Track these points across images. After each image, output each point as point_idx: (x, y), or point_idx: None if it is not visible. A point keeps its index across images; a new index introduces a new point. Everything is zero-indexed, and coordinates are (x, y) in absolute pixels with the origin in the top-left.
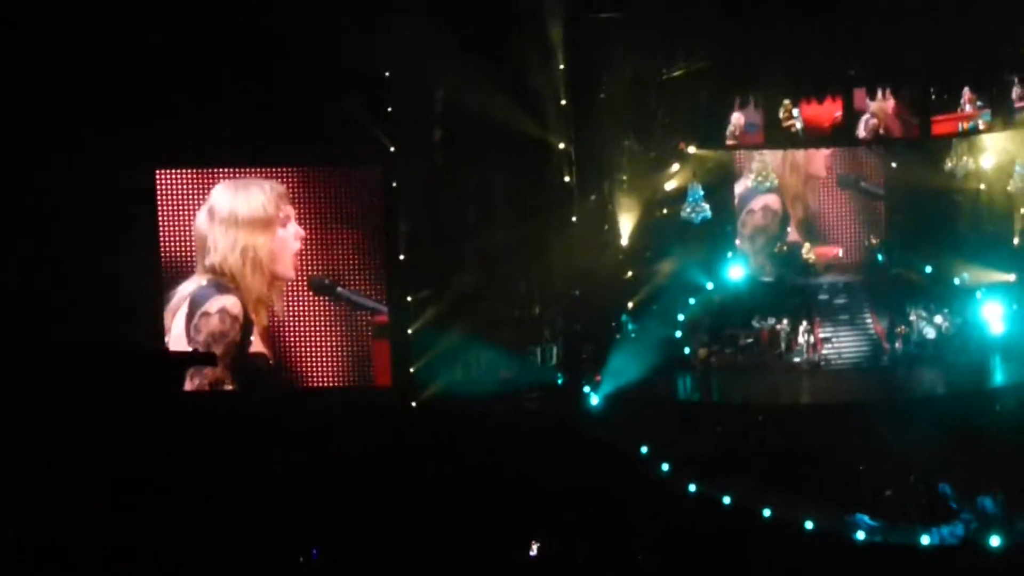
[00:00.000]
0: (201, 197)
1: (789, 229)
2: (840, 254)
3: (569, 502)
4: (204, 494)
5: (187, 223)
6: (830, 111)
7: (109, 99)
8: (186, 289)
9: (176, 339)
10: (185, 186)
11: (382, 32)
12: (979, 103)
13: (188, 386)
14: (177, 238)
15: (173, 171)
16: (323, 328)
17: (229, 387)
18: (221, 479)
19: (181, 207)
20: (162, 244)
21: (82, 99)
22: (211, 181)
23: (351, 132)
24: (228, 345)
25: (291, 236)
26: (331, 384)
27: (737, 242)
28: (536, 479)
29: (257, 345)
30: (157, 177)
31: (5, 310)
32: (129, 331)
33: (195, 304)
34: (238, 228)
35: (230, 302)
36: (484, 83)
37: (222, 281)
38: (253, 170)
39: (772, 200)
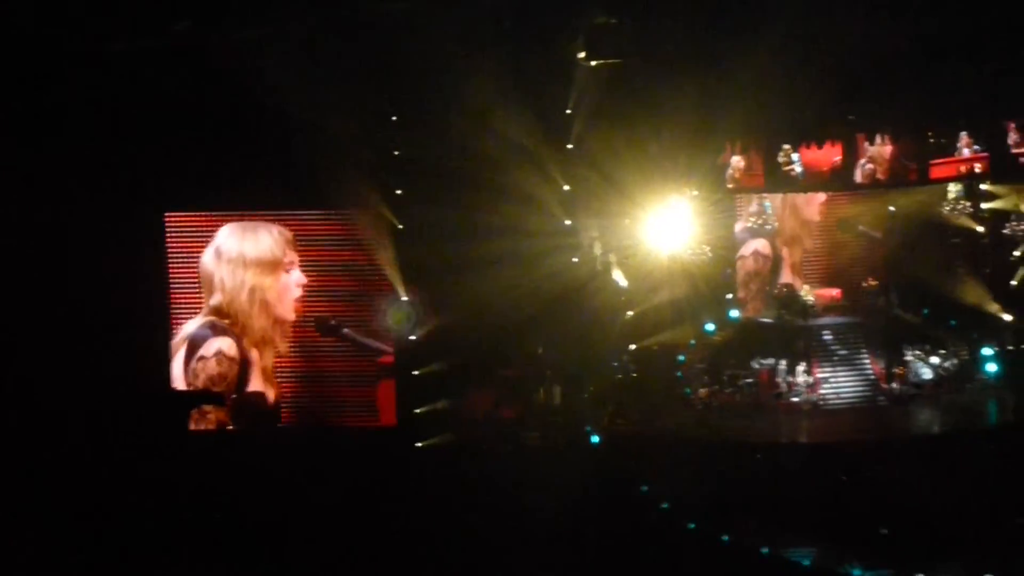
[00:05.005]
0: (208, 240)
1: (784, 272)
2: (839, 295)
3: (568, 540)
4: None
5: (195, 265)
6: (829, 155)
7: (120, 144)
8: (186, 330)
9: (176, 380)
10: (193, 229)
11: (389, 76)
12: (976, 148)
13: (192, 426)
14: (185, 279)
15: (181, 214)
16: (327, 368)
17: (231, 427)
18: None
19: (189, 249)
20: (171, 285)
21: (94, 142)
22: (218, 224)
23: (357, 175)
24: (228, 387)
25: (293, 282)
26: (335, 423)
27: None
28: (536, 517)
29: (256, 385)
30: (166, 220)
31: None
32: (136, 371)
33: (193, 346)
34: (246, 269)
35: (226, 344)
36: (490, 127)
37: (220, 323)
38: (260, 214)
39: (762, 245)
